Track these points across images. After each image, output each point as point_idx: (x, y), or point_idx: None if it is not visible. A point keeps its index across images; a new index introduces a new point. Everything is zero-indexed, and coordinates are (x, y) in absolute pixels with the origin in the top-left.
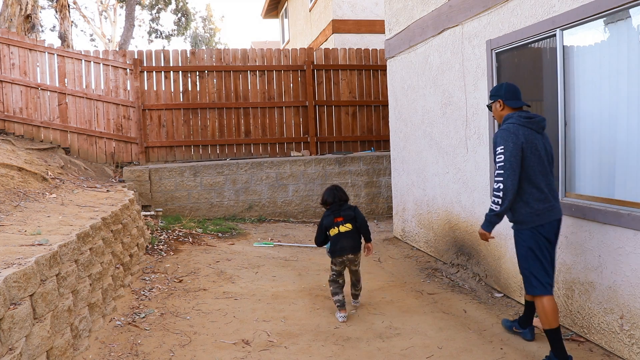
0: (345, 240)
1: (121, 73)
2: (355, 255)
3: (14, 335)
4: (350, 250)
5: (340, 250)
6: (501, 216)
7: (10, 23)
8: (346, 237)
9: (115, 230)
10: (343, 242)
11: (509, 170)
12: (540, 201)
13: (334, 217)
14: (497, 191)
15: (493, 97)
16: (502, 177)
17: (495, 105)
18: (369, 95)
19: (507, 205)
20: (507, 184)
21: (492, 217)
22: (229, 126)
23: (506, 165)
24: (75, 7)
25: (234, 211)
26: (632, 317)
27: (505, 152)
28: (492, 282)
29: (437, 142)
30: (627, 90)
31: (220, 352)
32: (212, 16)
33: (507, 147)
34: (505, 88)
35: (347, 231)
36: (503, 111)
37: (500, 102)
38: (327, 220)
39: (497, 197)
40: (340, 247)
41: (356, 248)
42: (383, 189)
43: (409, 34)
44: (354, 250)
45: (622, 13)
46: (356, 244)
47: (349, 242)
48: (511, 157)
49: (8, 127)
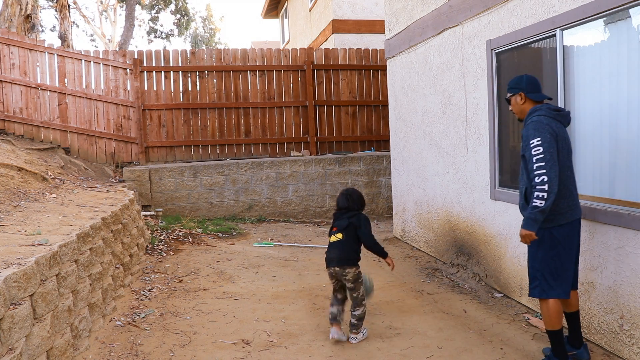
0: (333, 250)
1: (121, 73)
2: (341, 268)
3: (14, 335)
4: (337, 262)
5: (327, 261)
6: (546, 212)
7: (10, 23)
8: (333, 248)
9: (115, 230)
10: (330, 253)
11: (550, 161)
12: (565, 198)
13: (333, 226)
14: (541, 185)
15: (513, 89)
16: (545, 169)
17: (515, 99)
18: (369, 95)
19: (553, 199)
20: (551, 176)
21: (537, 214)
22: (229, 126)
23: (546, 157)
24: (75, 7)
25: (234, 211)
26: (632, 317)
27: (542, 143)
28: (492, 282)
29: (437, 142)
30: (627, 90)
31: (220, 352)
32: (212, 16)
33: (544, 138)
34: (526, 80)
35: (335, 241)
36: (524, 104)
37: (521, 95)
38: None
39: (542, 191)
40: (328, 257)
41: (343, 261)
42: (383, 189)
43: (409, 34)
44: (340, 262)
45: (622, 13)
46: (344, 256)
47: (336, 253)
48: (550, 148)
49: (8, 127)
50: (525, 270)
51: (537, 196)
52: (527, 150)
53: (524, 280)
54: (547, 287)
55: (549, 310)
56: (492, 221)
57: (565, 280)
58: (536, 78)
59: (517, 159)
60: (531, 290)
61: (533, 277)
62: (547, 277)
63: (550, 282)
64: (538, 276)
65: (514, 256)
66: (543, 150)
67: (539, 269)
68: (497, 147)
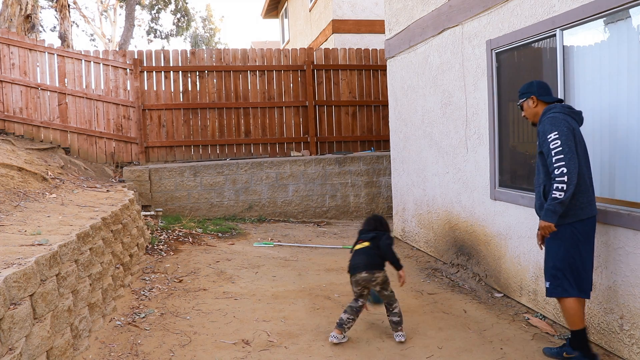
0: (358, 257)
1: (121, 73)
2: (370, 273)
3: (14, 335)
4: (364, 268)
5: (352, 268)
6: (565, 204)
7: (10, 23)
8: (359, 254)
9: (115, 230)
10: (356, 259)
11: (569, 153)
12: (584, 193)
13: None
14: (560, 176)
15: (524, 94)
16: (564, 161)
17: (527, 103)
18: (369, 95)
19: (572, 191)
20: (570, 167)
21: (556, 205)
22: (229, 126)
23: (565, 149)
24: (75, 7)
25: (234, 211)
26: (632, 317)
27: (560, 136)
28: (492, 282)
29: (437, 142)
30: (627, 90)
31: (220, 352)
32: (212, 16)
33: (561, 131)
34: (536, 84)
35: (361, 248)
36: (537, 107)
37: (533, 99)
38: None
39: (561, 182)
40: (353, 264)
41: (370, 266)
42: (383, 189)
43: (409, 34)
44: (368, 268)
45: (622, 13)
46: (371, 261)
47: (362, 258)
48: (568, 140)
49: (8, 127)
50: (525, 270)
51: (557, 187)
52: (544, 145)
53: (524, 280)
54: (568, 286)
55: (571, 309)
56: (492, 221)
57: (586, 280)
58: (546, 82)
59: (517, 159)
60: (551, 290)
61: (553, 276)
62: (569, 276)
63: (571, 281)
64: (559, 275)
65: (514, 256)
66: (561, 143)
67: (561, 268)
68: (497, 147)
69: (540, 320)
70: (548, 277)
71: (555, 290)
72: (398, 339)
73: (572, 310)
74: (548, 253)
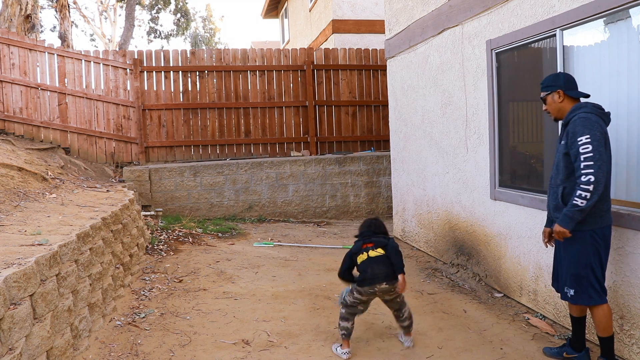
0: (377, 266)
1: (121, 73)
2: (391, 285)
3: (14, 335)
4: (384, 279)
5: (371, 279)
6: (585, 213)
7: (10, 23)
8: (377, 263)
9: (115, 230)
10: (375, 269)
11: (600, 161)
12: (606, 201)
13: (363, 242)
14: (587, 184)
15: (549, 87)
16: (593, 169)
17: (552, 97)
18: (369, 95)
19: (595, 200)
20: (599, 177)
21: (576, 212)
22: (229, 126)
23: (596, 156)
24: (75, 7)
25: (234, 211)
26: (632, 317)
27: (592, 141)
28: (492, 282)
29: (437, 142)
30: (627, 90)
31: (220, 352)
32: (212, 16)
33: (593, 136)
34: (563, 77)
35: (378, 256)
36: (562, 103)
37: (560, 93)
38: (355, 246)
39: (586, 190)
40: (372, 274)
41: (391, 276)
42: (383, 189)
43: (409, 34)
44: (389, 278)
45: (622, 13)
46: (391, 271)
47: (382, 268)
48: (599, 147)
49: (8, 127)
50: (525, 270)
51: (580, 195)
52: (573, 148)
53: (524, 281)
54: (595, 293)
55: (605, 316)
56: (492, 221)
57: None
58: (572, 76)
59: (517, 159)
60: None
61: (579, 285)
62: (594, 283)
63: (597, 287)
64: (584, 282)
65: (514, 256)
66: (592, 149)
67: (585, 276)
68: (497, 147)
69: (540, 320)
70: (571, 283)
71: (581, 297)
72: (407, 344)
73: (605, 318)
74: (569, 259)
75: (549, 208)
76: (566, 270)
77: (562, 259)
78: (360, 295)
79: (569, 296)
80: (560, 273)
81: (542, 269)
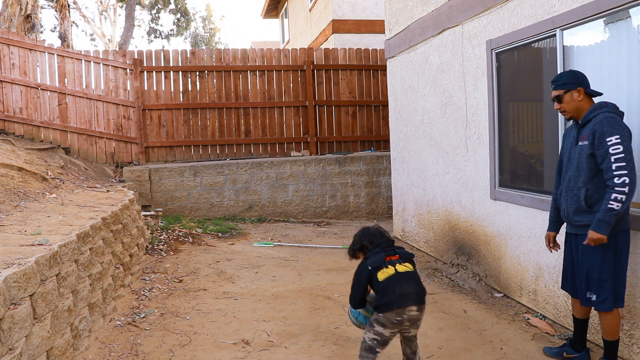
0: (408, 284)
1: (121, 73)
2: (420, 310)
3: (14, 335)
4: (415, 300)
5: (400, 299)
6: (620, 216)
7: (10, 23)
8: (408, 280)
9: (115, 230)
10: (405, 287)
11: (631, 162)
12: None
13: (386, 254)
14: (622, 186)
15: (568, 85)
16: (625, 170)
17: (572, 95)
18: (369, 95)
19: (629, 202)
20: (632, 177)
21: (612, 216)
22: (229, 126)
23: (627, 157)
24: (75, 7)
25: (234, 211)
26: (632, 317)
27: (622, 141)
28: (492, 282)
29: (437, 142)
30: (627, 90)
31: (220, 352)
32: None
33: (623, 136)
34: (581, 75)
35: (408, 272)
36: (582, 101)
37: (580, 91)
38: (374, 258)
39: (622, 193)
40: (401, 293)
41: (422, 297)
42: (383, 189)
43: (409, 34)
44: (420, 300)
45: (622, 13)
46: (423, 291)
47: (413, 287)
48: (629, 147)
49: (8, 127)
50: (525, 270)
51: (615, 198)
52: (601, 148)
53: (524, 281)
54: (613, 298)
55: (614, 320)
56: (492, 221)
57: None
58: None
59: (517, 159)
60: (599, 302)
61: (601, 289)
62: (615, 288)
63: (616, 292)
64: (607, 287)
65: (514, 256)
66: (623, 150)
67: (608, 280)
68: (497, 147)
69: (540, 320)
70: (594, 288)
71: (603, 303)
72: None
73: (614, 322)
74: (590, 263)
75: (568, 213)
76: (587, 275)
77: (580, 264)
78: (383, 327)
79: (593, 301)
80: (579, 278)
81: (542, 269)
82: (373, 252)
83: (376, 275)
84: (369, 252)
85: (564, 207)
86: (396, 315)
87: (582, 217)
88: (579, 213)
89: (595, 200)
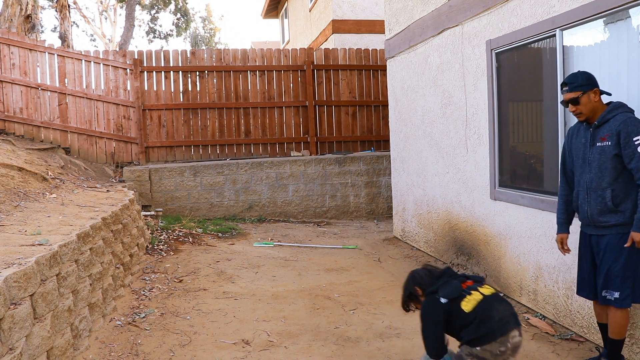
0: (501, 306)
1: (121, 73)
2: (521, 335)
3: (14, 335)
4: (515, 322)
5: (501, 325)
6: None
7: (11, 23)
8: (499, 302)
9: (116, 230)
10: (500, 311)
11: None
12: None
13: (460, 282)
14: None
15: (584, 86)
16: None
17: (589, 96)
18: (369, 95)
19: None
20: None
21: None
22: (229, 126)
23: None
24: (75, 7)
25: (234, 211)
26: (631, 317)
27: None
28: (492, 282)
29: (437, 142)
30: (627, 90)
31: (220, 352)
32: (212, 16)
33: None
34: (593, 75)
35: (494, 293)
36: (598, 102)
37: (596, 92)
38: (447, 289)
39: None
40: (500, 318)
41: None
42: (383, 189)
43: (408, 34)
44: (518, 322)
45: (622, 13)
46: (515, 312)
47: (508, 308)
48: None
49: (8, 127)
50: (525, 270)
51: None
52: (628, 147)
53: (523, 280)
54: (633, 295)
55: (624, 318)
56: (492, 221)
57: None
58: None
59: (517, 159)
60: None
61: (623, 286)
62: (635, 285)
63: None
64: (629, 284)
65: (514, 256)
66: None
67: (631, 277)
68: (497, 147)
69: (540, 320)
70: (616, 286)
71: (625, 300)
72: None
73: (624, 320)
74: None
75: (588, 213)
76: (607, 272)
77: (601, 263)
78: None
79: (613, 299)
80: (599, 277)
81: (542, 269)
82: (438, 284)
83: (459, 307)
84: (429, 288)
85: (586, 209)
86: (500, 346)
87: (608, 217)
88: (605, 214)
89: (620, 200)
